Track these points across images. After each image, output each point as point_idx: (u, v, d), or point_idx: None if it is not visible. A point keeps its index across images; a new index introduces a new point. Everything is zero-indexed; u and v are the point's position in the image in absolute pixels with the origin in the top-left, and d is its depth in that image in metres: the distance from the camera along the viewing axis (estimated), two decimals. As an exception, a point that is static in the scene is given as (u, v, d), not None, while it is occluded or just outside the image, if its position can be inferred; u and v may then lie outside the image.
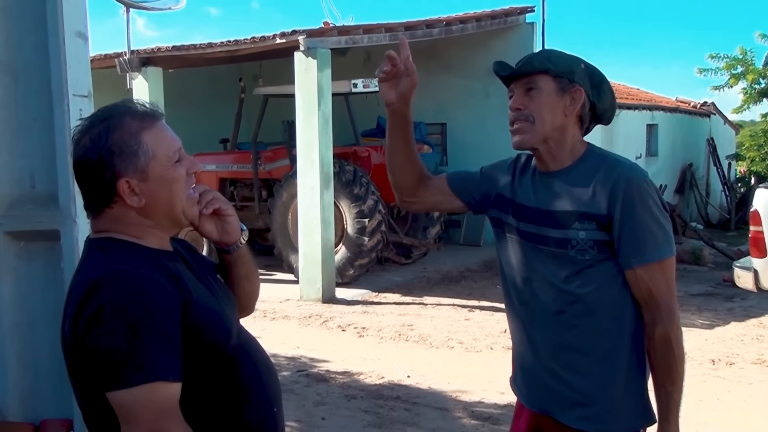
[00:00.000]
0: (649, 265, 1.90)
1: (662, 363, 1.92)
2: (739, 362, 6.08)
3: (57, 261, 2.75)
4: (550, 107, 1.96)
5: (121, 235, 1.60)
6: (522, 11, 11.99)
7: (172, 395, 1.47)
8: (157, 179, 1.59)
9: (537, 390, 2.07)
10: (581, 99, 1.97)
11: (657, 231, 1.90)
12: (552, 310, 1.98)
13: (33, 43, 2.76)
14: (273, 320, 7.75)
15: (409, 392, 5.35)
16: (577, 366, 1.97)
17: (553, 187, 2.00)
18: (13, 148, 2.80)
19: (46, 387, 2.87)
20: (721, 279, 9.69)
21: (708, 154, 17.41)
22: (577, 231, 1.92)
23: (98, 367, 1.45)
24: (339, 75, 9.02)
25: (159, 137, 1.60)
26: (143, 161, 1.57)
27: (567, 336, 1.97)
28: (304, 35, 8.46)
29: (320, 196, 8.54)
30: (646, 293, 1.91)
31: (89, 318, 1.45)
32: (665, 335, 1.90)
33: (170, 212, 1.63)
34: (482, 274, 10.17)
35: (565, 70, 1.97)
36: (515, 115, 2.00)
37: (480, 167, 2.29)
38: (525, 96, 1.99)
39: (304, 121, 8.62)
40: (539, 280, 2.01)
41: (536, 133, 1.97)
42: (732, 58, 14.58)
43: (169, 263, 1.60)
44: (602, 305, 1.94)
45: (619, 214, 1.88)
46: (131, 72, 9.76)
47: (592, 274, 1.93)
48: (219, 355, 1.61)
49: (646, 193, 1.90)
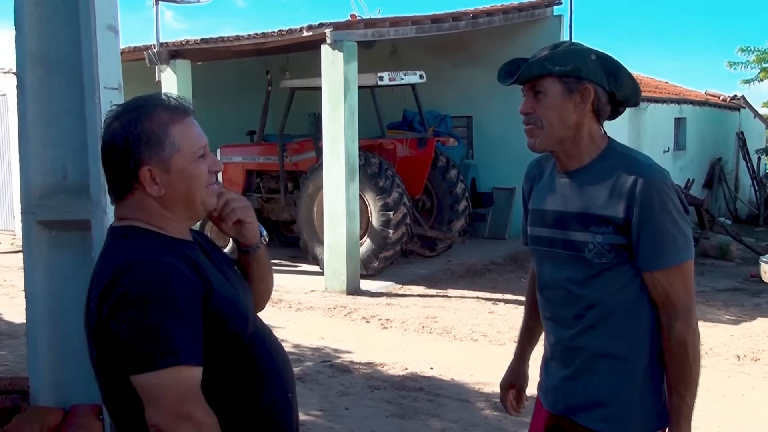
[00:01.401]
0: (667, 269, 1.88)
1: (677, 366, 1.91)
2: (764, 358, 6.02)
3: (88, 250, 2.82)
4: (558, 109, 1.92)
5: (142, 223, 1.64)
6: (549, 3, 11.91)
7: (194, 378, 1.52)
8: (179, 172, 1.63)
9: (555, 391, 2.07)
10: (591, 96, 1.93)
11: (676, 234, 1.88)
12: (570, 314, 1.99)
13: (65, 36, 2.82)
14: (298, 311, 7.81)
15: (432, 384, 5.37)
16: (595, 368, 1.97)
17: (571, 188, 1.98)
18: (46, 139, 2.88)
19: (76, 373, 2.93)
20: (748, 274, 9.59)
21: (737, 148, 17.18)
22: (594, 234, 1.91)
23: (122, 351, 1.50)
24: (365, 68, 9.04)
25: (186, 132, 1.65)
26: (168, 153, 1.61)
27: (585, 339, 1.97)
28: (331, 28, 8.50)
29: (346, 189, 8.58)
30: (663, 296, 1.90)
31: (114, 303, 1.50)
32: (681, 338, 1.89)
33: (188, 205, 1.67)
34: (507, 267, 10.15)
35: (570, 68, 1.91)
36: (525, 119, 1.98)
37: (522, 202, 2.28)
38: (533, 99, 1.96)
39: (330, 113, 8.66)
40: (556, 285, 2.01)
41: (546, 136, 1.95)
42: (763, 51, 14.38)
43: (190, 252, 1.64)
44: (620, 308, 1.93)
45: (637, 217, 1.86)
46: (160, 64, 9.87)
47: (610, 277, 1.92)
48: (236, 342, 1.66)
49: (666, 195, 1.87)
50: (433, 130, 10.66)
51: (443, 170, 10.32)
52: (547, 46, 2.01)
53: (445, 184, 10.36)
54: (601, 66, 1.94)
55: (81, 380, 2.91)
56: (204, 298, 1.57)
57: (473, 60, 12.49)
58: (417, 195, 10.12)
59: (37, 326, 2.92)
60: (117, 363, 1.53)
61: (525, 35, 11.83)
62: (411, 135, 10.47)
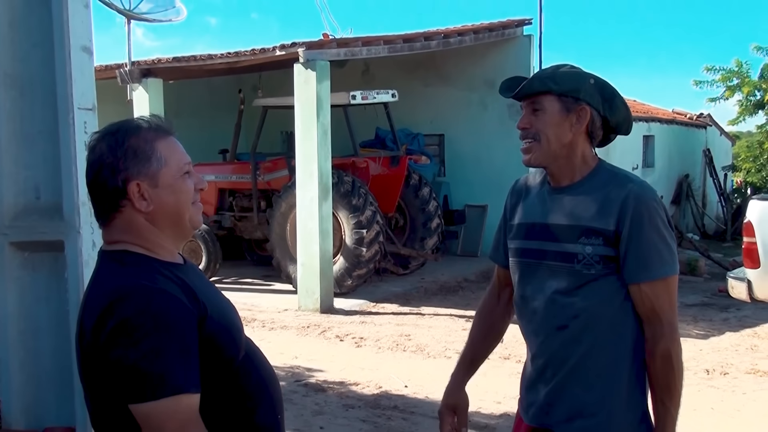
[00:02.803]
0: (654, 282, 1.93)
1: (661, 378, 1.94)
2: (733, 372, 6.12)
3: (61, 271, 2.80)
4: (555, 126, 1.99)
5: (134, 246, 1.64)
6: (519, 24, 12.07)
7: (194, 405, 1.53)
8: (167, 187, 1.64)
9: (538, 404, 2.07)
10: (587, 117, 2.00)
11: (663, 249, 1.93)
12: (554, 324, 2.01)
13: (39, 57, 2.82)
14: (271, 330, 7.79)
15: (407, 402, 5.38)
16: (579, 379, 1.99)
17: (562, 202, 2.03)
18: (19, 160, 2.86)
19: (49, 395, 2.91)
20: (716, 289, 9.74)
21: (704, 165, 17.49)
22: (583, 245, 1.95)
23: (122, 380, 1.49)
24: (337, 87, 9.09)
25: (172, 148, 1.67)
26: (155, 167, 1.63)
27: (569, 350, 1.99)
28: (304, 47, 8.54)
29: (319, 207, 8.59)
30: (649, 309, 1.94)
31: (112, 331, 1.49)
32: (666, 351, 1.92)
33: (176, 221, 1.68)
34: (479, 285, 10.20)
35: (570, 89, 1.98)
36: (522, 134, 2.04)
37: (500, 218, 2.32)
38: (531, 115, 2.02)
39: (303, 132, 8.69)
40: (541, 296, 2.03)
41: (543, 151, 2.01)
42: (728, 71, 14.65)
43: (183, 276, 1.64)
44: (604, 319, 1.96)
45: (627, 230, 1.91)
46: (132, 83, 9.82)
47: (596, 288, 1.95)
48: (230, 366, 1.67)
49: (655, 211, 1.93)
50: (405, 148, 10.73)
51: (416, 188, 10.38)
52: (549, 67, 2.10)
53: (417, 201, 10.42)
54: (599, 91, 2.01)
55: (54, 402, 2.89)
56: (200, 324, 1.58)
57: (445, 79, 12.61)
58: (390, 213, 10.16)
59: (9, 348, 2.89)
60: (115, 391, 1.52)
61: (496, 55, 11.97)
62: (384, 153, 10.53)
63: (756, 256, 6.33)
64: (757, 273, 6.40)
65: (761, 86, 14.34)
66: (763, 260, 6.32)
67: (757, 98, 14.53)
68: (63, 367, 2.77)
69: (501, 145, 12.00)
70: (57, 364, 2.83)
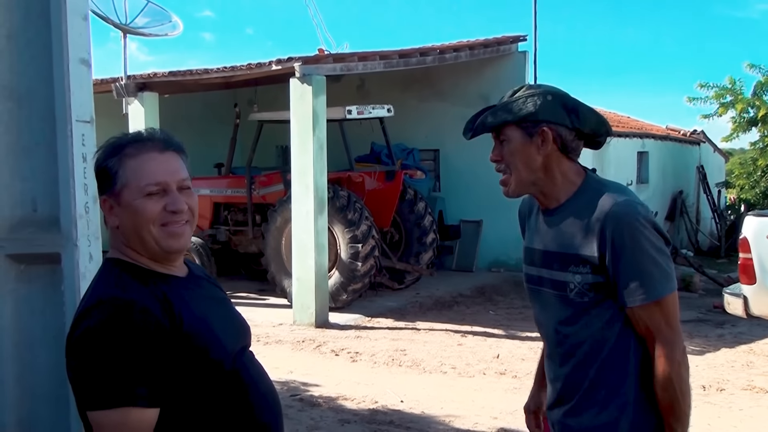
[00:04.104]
0: (646, 305, 1.87)
1: (665, 398, 1.90)
2: (729, 388, 6.11)
3: (57, 284, 2.78)
4: (521, 154, 1.96)
5: (123, 256, 1.70)
6: (514, 40, 12.14)
7: (145, 420, 1.54)
8: (125, 206, 1.68)
9: (559, 425, 2.07)
10: (549, 137, 1.95)
11: (652, 269, 1.86)
12: (561, 351, 2.01)
13: (37, 69, 2.81)
14: (266, 345, 7.75)
15: (403, 417, 5.36)
16: (592, 400, 1.97)
17: (551, 227, 2.01)
18: (16, 172, 2.84)
19: (43, 409, 2.88)
20: (711, 305, 9.74)
21: (698, 181, 17.54)
22: (573, 274, 1.92)
23: (78, 387, 1.55)
24: (333, 101, 9.11)
25: (141, 167, 1.67)
26: (117, 186, 1.67)
27: (580, 374, 1.98)
28: (300, 62, 8.56)
29: (314, 221, 8.58)
30: (645, 331, 1.90)
31: (74, 340, 1.56)
32: (666, 371, 1.88)
33: (140, 240, 1.69)
34: (474, 300, 10.20)
35: (525, 114, 1.93)
36: (496, 167, 2.03)
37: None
38: (500, 147, 2.01)
39: (299, 146, 8.69)
40: (548, 323, 2.05)
41: (517, 182, 1.99)
42: (721, 88, 14.74)
43: (167, 287, 1.65)
44: (608, 342, 1.94)
45: (610, 255, 1.86)
46: (127, 97, 9.83)
47: (594, 315, 1.93)
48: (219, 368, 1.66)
49: (637, 231, 1.85)
50: (400, 163, 10.74)
51: (411, 203, 10.39)
52: (507, 92, 2.03)
53: (413, 216, 10.42)
54: (560, 105, 1.96)
55: (48, 416, 2.86)
56: (171, 335, 1.58)
57: (440, 94, 12.65)
58: (385, 227, 10.16)
59: (4, 361, 2.86)
60: (78, 397, 1.57)
61: (491, 71, 12.03)
62: (379, 168, 10.54)
63: (752, 272, 6.33)
64: (753, 289, 6.41)
65: (754, 103, 14.44)
66: (759, 276, 6.33)
67: (751, 115, 14.62)
68: (59, 381, 2.73)
69: (496, 160, 12.02)
70: (53, 377, 2.80)
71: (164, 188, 1.66)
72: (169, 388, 1.57)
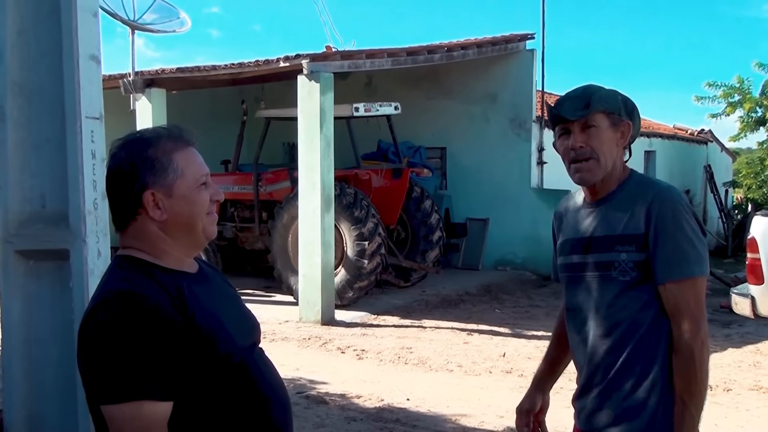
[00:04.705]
0: (678, 282, 1.98)
1: (682, 375, 1.98)
2: (736, 388, 6.09)
3: (66, 280, 2.79)
4: (608, 143, 2.08)
5: (140, 253, 1.67)
6: (522, 38, 12.11)
7: (158, 413, 1.54)
8: (181, 197, 1.67)
9: (588, 410, 2.14)
10: (630, 132, 2.11)
11: (688, 249, 1.98)
12: (598, 334, 2.09)
13: (47, 65, 2.82)
14: (272, 342, 7.75)
15: (409, 415, 5.35)
16: (622, 384, 2.05)
17: (597, 215, 2.12)
18: (25, 168, 2.86)
19: (52, 404, 2.89)
20: (718, 305, 9.69)
21: (705, 181, 17.50)
22: (618, 253, 2.03)
23: (93, 380, 1.55)
24: (340, 99, 9.11)
25: (189, 159, 1.70)
26: (171, 178, 1.66)
27: (614, 357, 2.06)
28: (308, 59, 8.56)
29: (321, 219, 8.58)
30: (674, 308, 1.99)
31: (86, 334, 1.55)
32: (689, 348, 1.96)
33: (189, 230, 1.70)
34: (481, 298, 10.19)
35: (615, 106, 2.09)
36: (577, 153, 2.08)
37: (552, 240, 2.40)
38: (582, 134, 2.07)
39: (306, 144, 8.69)
40: (585, 307, 2.12)
41: (601, 169, 2.08)
42: (729, 87, 14.68)
43: (180, 282, 1.65)
44: (643, 326, 2.02)
45: (653, 232, 1.99)
46: (135, 93, 9.84)
47: (633, 296, 2.03)
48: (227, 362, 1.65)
49: (679, 213, 2.00)
50: (407, 161, 10.74)
51: (418, 201, 10.38)
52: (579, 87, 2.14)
53: (419, 214, 10.41)
54: (628, 105, 2.13)
55: (56, 411, 2.88)
56: (183, 329, 1.57)
57: (447, 92, 12.64)
58: (392, 225, 10.16)
59: (13, 357, 2.88)
60: (91, 391, 1.57)
61: (498, 69, 12.00)
62: (386, 165, 10.53)
63: (760, 273, 6.30)
64: (761, 289, 6.38)
65: (762, 103, 14.38)
66: (767, 276, 6.30)
67: (759, 115, 14.57)
68: (67, 377, 2.75)
69: (503, 158, 12.04)
70: (61, 373, 2.82)
71: (207, 179, 1.71)
72: (180, 382, 1.57)
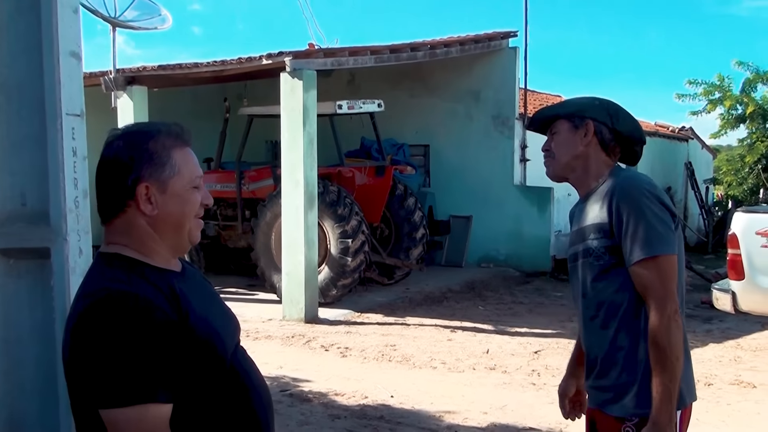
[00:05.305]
0: (641, 262, 2.11)
1: (653, 350, 2.10)
2: (717, 383, 6.15)
3: (47, 279, 2.76)
4: (566, 142, 2.32)
5: (128, 250, 1.63)
6: (505, 36, 12.14)
7: (162, 416, 1.51)
8: (174, 195, 1.65)
9: (593, 389, 2.33)
10: (592, 129, 2.29)
11: (649, 231, 2.11)
12: (588, 316, 2.28)
13: (27, 62, 2.78)
14: (256, 340, 7.73)
15: (393, 412, 5.36)
16: (615, 360, 2.21)
17: (584, 208, 2.32)
18: (5, 166, 2.82)
19: (32, 405, 2.85)
20: (699, 301, 9.79)
21: (686, 177, 17.63)
22: (593, 240, 2.22)
23: (92, 384, 1.50)
24: (323, 96, 9.09)
25: (187, 159, 1.69)
26: (167, 174, 1.63)
27: (602, 337, 2.23)
28: (291, 57, 8.53)
29: (304, 216, 8.56)
30: (640, 287, 2.13)
31: (84, 335, 1.49)
32: (655, 324, 2.09)
33: (177, 231, 1.67)
34: (464, 295, 10.22)
35: (575, 110, 2.33)
36: (545, 154, 2.39)
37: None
38: (551, 140, 2.38)
39: (289, 141, 8.67)
40: (578, 292, 2.32)
41: (557, 164, 2.35)
42: (710, 85, 14.79)
43: (171, 281, 1.63)
44: (622, 305, 2.18)
45: (615, 219, 2.16)
46: (116, 91, 9.77)
47: (610, 278, 2.19)
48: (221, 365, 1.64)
49: (638, 200, 2.14)
50: (391, 158, 10.74)
51: (401, 198, 10.39)
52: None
53: (403, 211, 10.42)
54: (604, 108, 2.33)
55: (37, 412, 2.84)
56: (179, 330, 1.55)
57: (430, 90, 12.65)
58: (375, 223, 10.16)
59: (-8, 357, 2.84)
60: (88, 394, 1.52)
61: (481, 66, 12.02)
62: (369, 163, 10.53)
63: (740, 268, 6.37)
64: (741, 285, 6.45)
65: (742, 100, 14.50)
66: (747, 272, 6.36)
67: (739, 112, 14.69)
68: (48, 377, 2.72)
69: (486, 156, 12.06)
70: (41, 373, 2.79)
71: (200, 182, 1.70)
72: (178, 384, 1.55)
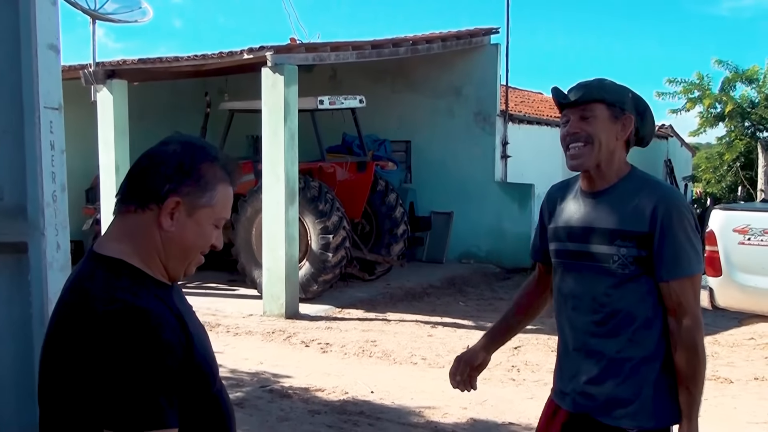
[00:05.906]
0: (681, 280, 2.11)
1: (688, 367, 2.11)
2: (697, 379, 6.21)
3: (24, 274, 2.73)
4: (606, 132, 2.16)
5: (134, 259, 1.56)
6: (487, 32, 12.16)
7: None
8: (198, 223, 1.59)
9: (578, 393, 2.24)
10: (631, 126, 2.19)
11: (689, 249, 2.11)
12: (593, 320, 2.19)
13: (4, 54, 2.75)
14: (236, 336, 7.71)
15: (373, 408, 5.36)
16: (617, 370, 2.16)
17: (597, 207, 2.21)
18: (-19, 160, 2.78)
19: (8, 403, 2.82)
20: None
21: (665, 175, 17.77)
22: (618, 247, 2.13)
23: (102, 403, 1.42)
24: (304, 91, 9.07)
25: (226, 198, 1.64)
26: (204, 201, 1.58)
27: (608, 344, 2.17)
28: (272, 51, 8.50)
29: (285, 212, 8.54)
30: (677, 304, 2.11)
31: (100, 351, 1.41)
32: (693, 342, 2.10)
33: (184, 255, 1.62)
34: (445, 291, 10.24)
35: (617, 99, 2.17)
36: (572, 138, 2.18)
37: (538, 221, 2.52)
38: (580, 122, 2.17)
39: (270, 136, 8.64)
40: (581, 295, 2.22)
41: (594, 155, 2.16)
42: (689, 83, 14.93)
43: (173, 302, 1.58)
44: (639, 316, 2.14)
45: (658, 232, 2.09)
46: (96, 84, 9.68)
47: (631, 288, 2.14)
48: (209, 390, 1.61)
49: (683, 215, 2.12)
50: (372, 154, 10.73)
51: (382, 194, 10.39)
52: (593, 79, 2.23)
53: (384, 207, 10.42)
54: (635, 104, 2.22)
55: (14, 410, 2.81)
56: (186, 351, 1.51)
57: (412, 86, 12.65)
58: (356, 218, 10.15)
59: (-32, 352, 2.81)
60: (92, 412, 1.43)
61: (463, 63, 12.04)
62: (351, 159, 10.52)
63: (718, 265, 6.44)
64: (718, 281, 6.52)
65: (722, 99, 14.65)
66: (724, 268, 6.44)
67: (718, 110, 14.84)
68: (25, 373, 2.69)
69: (467, 152, 12.09)
70: (18, 369, 2.76)
71: (221, 224, 1.67)
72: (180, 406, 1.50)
